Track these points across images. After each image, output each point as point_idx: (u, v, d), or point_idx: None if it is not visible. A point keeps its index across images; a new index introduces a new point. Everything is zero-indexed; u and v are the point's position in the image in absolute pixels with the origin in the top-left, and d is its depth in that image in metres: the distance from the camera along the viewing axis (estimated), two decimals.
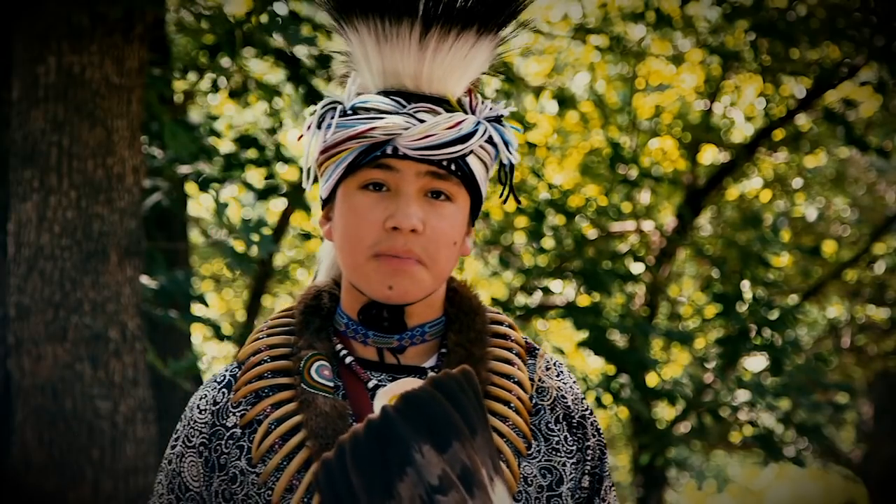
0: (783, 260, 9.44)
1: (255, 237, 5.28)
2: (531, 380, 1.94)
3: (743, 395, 7.96)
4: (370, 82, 1.92)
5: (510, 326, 1.98)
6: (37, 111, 4.62)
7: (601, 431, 1.98)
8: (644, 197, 9.04)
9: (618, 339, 7.91)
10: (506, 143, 1.92)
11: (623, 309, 8.40)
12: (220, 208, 5.64)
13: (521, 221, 8.33)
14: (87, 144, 4.62)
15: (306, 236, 7.93)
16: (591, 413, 1.97)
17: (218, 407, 1.92)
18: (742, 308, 7.65)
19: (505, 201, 1.97)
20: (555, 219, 8.04)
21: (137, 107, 4.73)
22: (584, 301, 7.99)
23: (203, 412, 1.93)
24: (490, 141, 1.90)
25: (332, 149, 1.89)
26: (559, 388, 1.95)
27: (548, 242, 8.06)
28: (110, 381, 4.58)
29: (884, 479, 11.82)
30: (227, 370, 1.97)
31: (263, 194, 6.51)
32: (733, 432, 8.83)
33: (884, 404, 12.28)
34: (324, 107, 1.91)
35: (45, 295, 4.58)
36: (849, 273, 10.32)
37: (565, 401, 1.95)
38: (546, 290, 8.27)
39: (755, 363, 8.17)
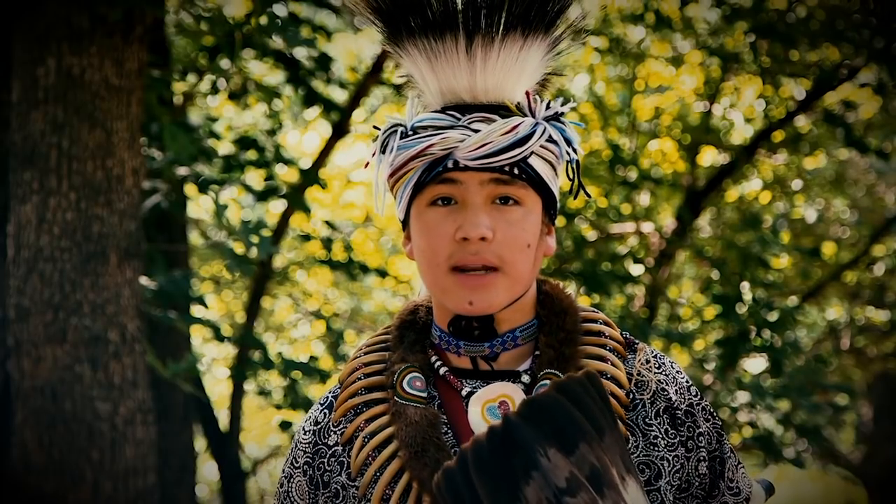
0: (783, 261, 9.44)
1: (255, 239, 5.28)
2: (629, 375, 1.95)
3: (742, 397, 7.96)
4: (432, 101, 1.94)
5: (605, 324, 1.99)
6: (36, 113, 4.62)
7: (715, 415, 1.98)
8: (644, 199, 9.03)
9: None
10: (567, 141, 1.94)
11: (623, 310, 8.39)
12: (220, 210, 5.64)
13: None
14: (86, 146, 4.62)
15: (306, 238, 7.93)
16: (700, 399, 1.97)
17: (319, 427, 1.99)
18: (742, 309, 7.64)
19: (575, 196, 1.99)
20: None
21: (137, 108, 4.74)
22: (583, 302, 7.98)
23: (307, 433, 2.00)
24: (552, 140, 1.92)
25: (398, 171, 1.92)
26: (660, 380, 1.96)
27: None
28: (110, 382, 4.58)
29: (883, 480, 11.81)
30: (330, 392, 2.03)
31: (263, 196, 6.51)
32: (733, 434, 8.82)
33: (883, 406, 12.28)
34: (385, 131, 1.94)
35: (44, 296, 4.58)
36: (848, 275, 10.32)
37: (666, 393, 1.95)
38: None
39: (755, 364, 8.16)
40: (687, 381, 1.98)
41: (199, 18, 6.08)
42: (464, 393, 1.93)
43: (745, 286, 7.97)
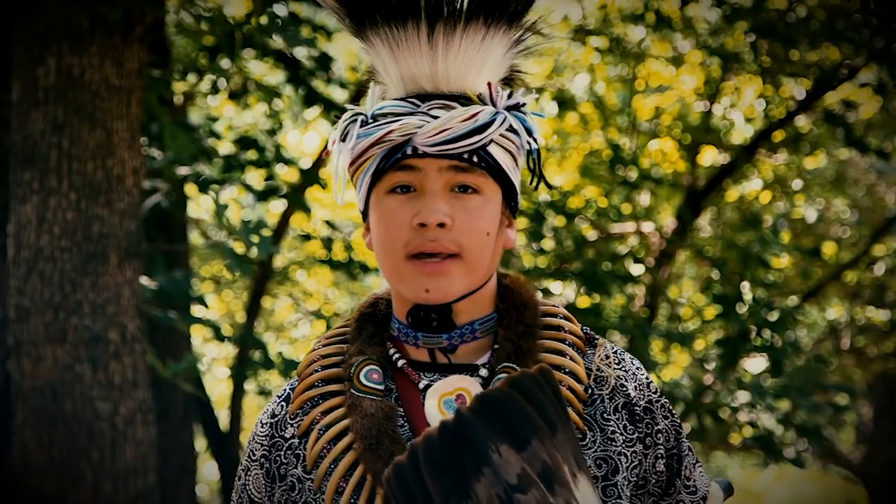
0: (783, 261, 9.44)
1: (255, 238, 5.28)
2: (588, 370, 1.93)
3: (743, 397, 7.96)
4: (394, 90, 1.93)
5: (566, 318, 1.97)
6: (37, 113, 4.62)
7: (674, 413, 1.97)
8: (644, 198, 9.04)
9: (618, 340, 7.91)
10: (528, 130, 1.92)
11: (623, 310, 8.40)
12: (220, 210, 5.64)
13: (521, 223, 8.33)
14: (86, 146, 4.62)
15: (306, 237, 7.93)
16: (660, 396, 1.96)
17: (276, 419, 1.97)
18: (742, 309, 7.64)
19: (536, 187, 1.96)
20: (555, 220, 8.04)
21: (137, 108, 4.74)
22: (584, 302, 7.99)
23: (264, 426, 1.98)
24: (512, 129, 1.90)
25: (357, 159, 1.91)
26: (619, 376, 1.94)
27: (548, 244, 8.06)
28: (110, 382, 4.58)
29: (884, 480, 11.82)
30: (288, 384, 2.01)
31: (263, 195, 6.51)
32: (733, 433, 8.83)
33: (883, 406, 12.28)
34: (346, 120, 1.93)
35: (44, 296, 4.58)
36: (848, 274, 10.32)
37: (625, 389, 1.93)
38: (546, 292, 8.26)
39: (755, 364, 8.16)
40: (646, 378, 1.96)
41: (200, 18, 6.08)
42: (421, 386, 1.91)
43: (746, 286, 7.97)
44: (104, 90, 4.64)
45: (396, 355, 1.95)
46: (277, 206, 8.32)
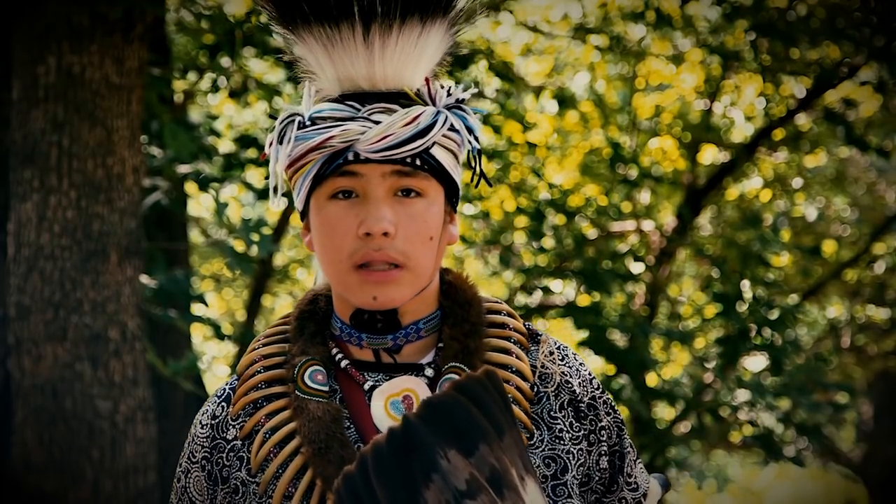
0: (783, 260, 9.44)
1: (255, 237, 5.28)
2: (533, 367, 1.91)
3: (743, 395, 7.96)
4: (328, 88, 1.89)
5: (509, 315, 1.94)
6: (37, 111, 4.62)
7: (616, 409, 1.95)
8: (644, 197, 9.04)
9: (618, 338, 7.91)
10: (469, 129, 1.89)
11: (623, 309, 8.40)
12: (220, 208, 5.64)
13: (522, 221, 8.33)
14: (87, 144, 4.62)
15: None
16: (602, 392, 1.93)
17: (217, 421, 1.93)
18: (742, 308, 7.65)
19: (476, 185, 1.92)
20: (555, 218, 8.04)
21: (137, 107, 4.74)
22: (584, 301, 7.99)
23: (204, 427, 1.93)
24: (453, 128, 1.87)
25: (296, 162, 1.87)
26: (563, 373, 1.92)
27: (548, 242, 8.06)
28: (110, 380, 4.58)
29: (884, 478, 11.82)
30: (227, 384, 1.97)
31: (263, 194, 6.51)
32: (733, 432, 8.83)
33: (883, 404, 12.29)
34: (283, 121, 1.89)
35: (45, 295, 4.58)
36: (849, 273, 10.32)
37: (570, 385, 1.91)
38: (546, 290, 8.27)
39: (755, 363, 8.17)
40: (590, 374, 1.94)
41: (200, 16, 6.08)
42: (366, 387, 1.88)
43: (746, 284, 7.97)
44: (104, 88, 4.64)
45: (340, 355, 1.91)
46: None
